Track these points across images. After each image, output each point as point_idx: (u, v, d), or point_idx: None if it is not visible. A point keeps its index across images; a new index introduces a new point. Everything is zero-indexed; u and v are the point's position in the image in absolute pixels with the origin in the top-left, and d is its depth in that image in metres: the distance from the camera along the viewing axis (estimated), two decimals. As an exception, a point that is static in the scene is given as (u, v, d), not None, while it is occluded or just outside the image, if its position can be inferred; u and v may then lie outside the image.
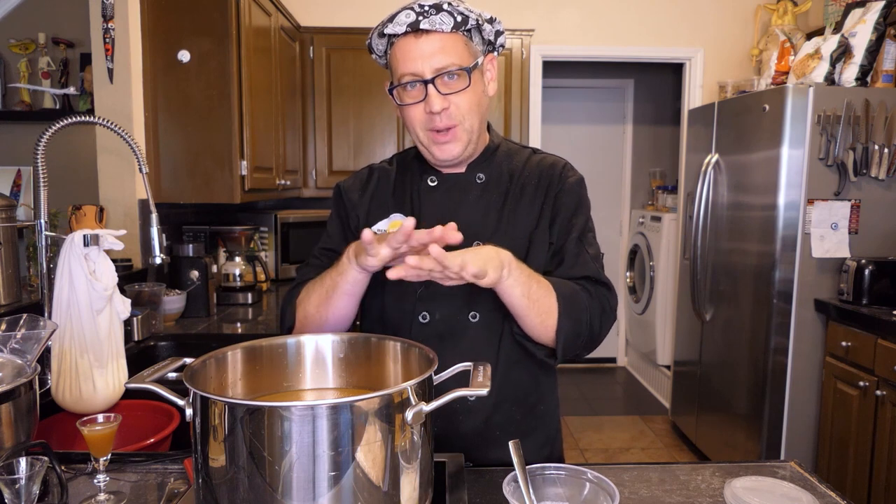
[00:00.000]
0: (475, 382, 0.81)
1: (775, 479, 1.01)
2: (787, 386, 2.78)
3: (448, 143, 1.10)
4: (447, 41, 1.05)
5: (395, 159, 1.28)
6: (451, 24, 1.04)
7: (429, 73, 1.05)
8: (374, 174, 1.25)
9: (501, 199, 1.17)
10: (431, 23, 1.03)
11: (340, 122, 3.39)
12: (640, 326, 4.71)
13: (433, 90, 1.06)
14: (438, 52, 1.05)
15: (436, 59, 1.05)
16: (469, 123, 1.11)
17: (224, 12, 2.29)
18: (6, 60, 2.94)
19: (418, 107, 1.08)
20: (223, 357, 0.89)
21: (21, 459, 0.85)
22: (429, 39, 1.04)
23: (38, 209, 1.56)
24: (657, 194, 4.77)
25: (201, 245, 2.43)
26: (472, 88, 1.08)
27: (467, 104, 1.09)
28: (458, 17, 1.05)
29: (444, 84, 1.06)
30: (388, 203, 1.20)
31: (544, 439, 1.23)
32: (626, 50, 3.88)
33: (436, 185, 1.18)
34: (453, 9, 1.05)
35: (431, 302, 1.13)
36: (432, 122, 1.08)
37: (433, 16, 1.03)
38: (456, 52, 1.06)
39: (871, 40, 2.77)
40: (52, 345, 1.34)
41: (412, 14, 1.03)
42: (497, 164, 1.20)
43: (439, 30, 1.04)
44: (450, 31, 1.05)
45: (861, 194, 2.72)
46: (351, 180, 1.26)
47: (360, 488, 0.72)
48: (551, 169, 1.20)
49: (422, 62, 1.05)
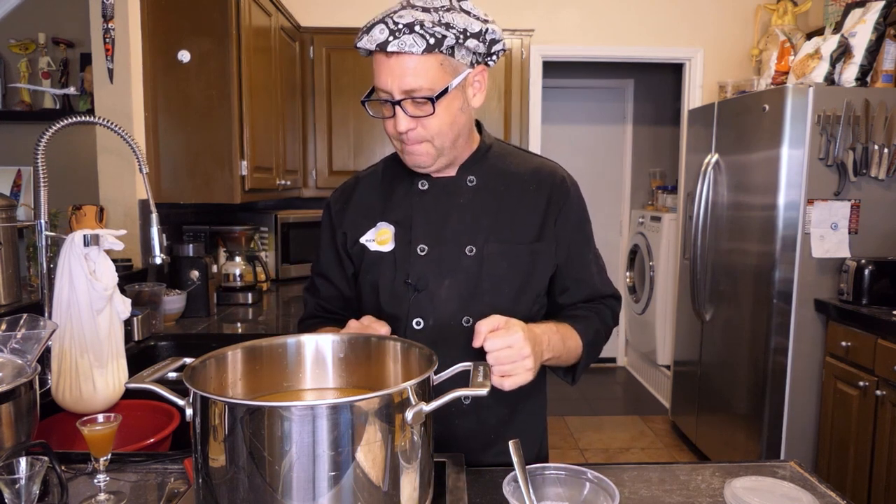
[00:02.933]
0: (475, 382, 0.81)
1: (775, 479, 1.01)
2: (787, 386, 2.78)
3: (420, 156, 1.09)
4: (418, 64, 1.00)
5: (384, 161, 1.26)
6: (423, 46, 0.98)
7: (397, 94, 1.02)
8: (359, 183, 1.24)
9: (496, 201, 1.16)
10: (400, 45, 0.98)
11: (340, 122, 3.39)
12: (640, 326, 4.71)
13: (399, 111, 1.03)
14: (408, 75, 1.00)
15: (404, 81, 1.00)
16: (439, 142, 1.08)
17: (224, 12, 2.29)
18: (6, 60, 2.94)
19: (389, 120, 1.07)
20: (223, 357, 0.89)
21: (21, 459, 0.85)
22: (399, 60, 1.00)
23: (38, 209, 1.56)
24: (657, 194, 4.77)
25: (201, 245, 2.43)
26: (443, 111, 1.05)
27: (437, 126, 1.06)
28: (430, 40, 0.98)
29: (413, 106, 1.03)
30: (374, 209, 1.19)
31: (534, 438, 1.24)
32: (626, 50, 3.88)
33: (426, 189, 1.16)
34: (426, 30, 0.98)
35: (425, 308, 1.13)
36: (399, 137, 1.07)
37: (405, 35, 0.98)
38: (427, 75, 1.01)
39: (871, 40, 2.77)
40: (52, 345, 1.34)
41: (385, 31, 0.99)
42: (489, 166, 1.18)
43: (409, 51, 0.98)
44: (421, 54, 0.99)
45: (861, 194, 2.72)
46: (336, 194, 1.26)
47: (360, 488, 0.72)
48: (551, 177, 1.19)
49: (390, 82, 1.01)
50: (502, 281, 1.13)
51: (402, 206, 1.17)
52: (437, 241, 1.14)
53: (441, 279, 1.12)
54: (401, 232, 1.16)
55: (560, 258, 1.18)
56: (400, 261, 1.14)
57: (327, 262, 1.25)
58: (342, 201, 1.23)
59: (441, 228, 1.14)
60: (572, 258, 1.19)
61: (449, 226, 1.14)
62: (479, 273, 1.12)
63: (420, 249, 1.13)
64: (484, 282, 1.12)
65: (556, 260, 1.18)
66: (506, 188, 1.17)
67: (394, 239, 1.16)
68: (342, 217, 1.22)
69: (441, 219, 1.14)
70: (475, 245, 1.13)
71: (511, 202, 1.16)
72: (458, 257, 1.13)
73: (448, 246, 1.13)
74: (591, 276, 1.22)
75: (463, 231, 1.14)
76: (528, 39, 3.43)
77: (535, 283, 1.16)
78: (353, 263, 1.22)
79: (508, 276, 1.14)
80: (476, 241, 1.13)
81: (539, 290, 1.18)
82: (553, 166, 1.22)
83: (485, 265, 1.13)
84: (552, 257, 1.17)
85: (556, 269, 1.19)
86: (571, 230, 1.19)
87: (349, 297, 1.25)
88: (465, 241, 1.13)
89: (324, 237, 1.26)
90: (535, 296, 1.17)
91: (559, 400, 4.18)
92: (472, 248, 1.13)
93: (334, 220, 1.23)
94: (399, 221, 1.16)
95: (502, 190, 1.17)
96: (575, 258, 1.19)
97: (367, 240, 1.18)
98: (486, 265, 1.13)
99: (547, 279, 1.19)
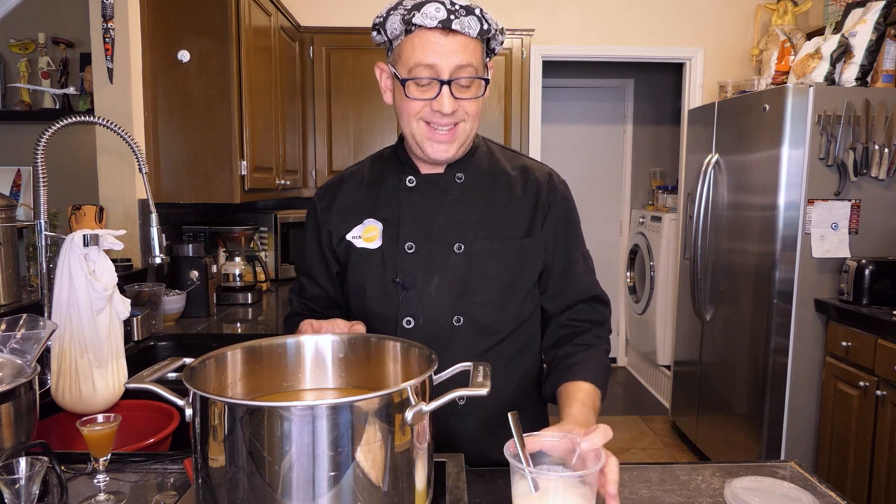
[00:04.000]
0: (475, 382, 0.81)
1: (775, 479, 1.01)
2: (787, 386, 2.78)
3: (444, 143, 1.09)
4: (470, 45, 1.03)
5: (369, 159, 1.26)
6: (477, 29, 1.03)
7: (447, 73, 1.03)
8: (344, 181, 1.24)
9: (484, 199, 1.16)
10: (462, 24, 1.01)
11: (340, 122, 3.39)
12: (640, 326, 4.70)
13: (447, 91, 1.04)
14: (461, 54, 1.03)
15: (457, 60, 1.03)
16: (470, 126, 1.10)
17: (224, 12, 2.29)
18: (6, 60, 2.94)
19: (426, 102, 1.06)
20: (223, 357, 0.89)
21: (21, 459, 0.85)
22: (455, 40, 1.02)
23: (38, 209, 1.56)
24: (657, 194, 4.77)
25: (201, 245, 2.43)
26: (479, 94, 1.08)
27: (475, 109, 1.09)
28: (484, 25, 1.03)
29: (459, 88, 1.05)
30: (361, 206, 1.19)
31: None
32: (626, 50, 3.88)
33: (414, 186, 1.16)
34: (483, 15, 1.03)
35: (414, 306, 1.12)
36: (433, 117, 1.07)
37: (463, 17, 1.01)
38: (476, 57, 1.05)
39: (871, 40, 2.77)
40: (52, 345, 1.34)
41: (443, 9, 1.00)
42: (477, 164, 1.18)
43: (466, 33, 1.02)
44: (475, 37, 1.04)
45: (861, 194, 2.72)
46: (321, 192, 1.25)
47: (359, 488, 0.72)
48: (539, 176, 1.20)
49: (443, 60, 1.02)
50: (491, 278, 1.13)
51: (390, 204, 1.17)
52: (425, 238, 1.13)
53: (429, 277, 1.12)
54: (388, 229, 1.15)
55: (547, 257, 1.18)
56: (387, 259, 1.14)
57: (312, 262, 1.24)
58: (327, 199, 1.23)
59: (429, 226, 1.14)
60: (559, 257, 1.19)
61: (437, 223, 1.14)
62: (467, 270, 1.12)
63: (408, 247, 1.13)
64: (473, 279, 1.12)
65: (545, 257, 1.17)
66: (494, 186, 1.17)
67: (381, 236, 1.15)
68: (327, 215, 1.21)
69: (429, 216, 1.14)
70: (463, 242, 1.13)
71: (499, 200, 1.16)
72: (447, 255, 1.12)
73: (436, 243, 1.13)
74: (577, 276, 1.20)
75: (451, 228, 1.13)
76: (528, 39, 3.43)
77: (524, 280, 1.16)
78: (338, 262, 1.21)
79: (497, 274, 1.13)
80: (464, 238, 1.13)
81: (528, 288, 1.17)
82: (541, 166, 1.23)
83: (473, 262, 1.12)
84: (540, 254, 1.17)
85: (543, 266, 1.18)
86: (559, 228, 1.19)
87: (334, 296, 1.24)
88: (453, 239, 1.13)
89: (308, 236, 1.25)
90: (524, 293, 1.17)
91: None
92: (460, 246, 1.13)
93: (319, 219, 1.22)
94: (387, 219, 1.16)
95: (490, 187, 1.17)
96: (562, 257, 1.19)
97: (353, 236, 1.17)
98: (475, 262, 1.12)
99: (536, 276, 1.18)
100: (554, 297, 1.20)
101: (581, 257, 1.22)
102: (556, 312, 1.21)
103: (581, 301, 1.20)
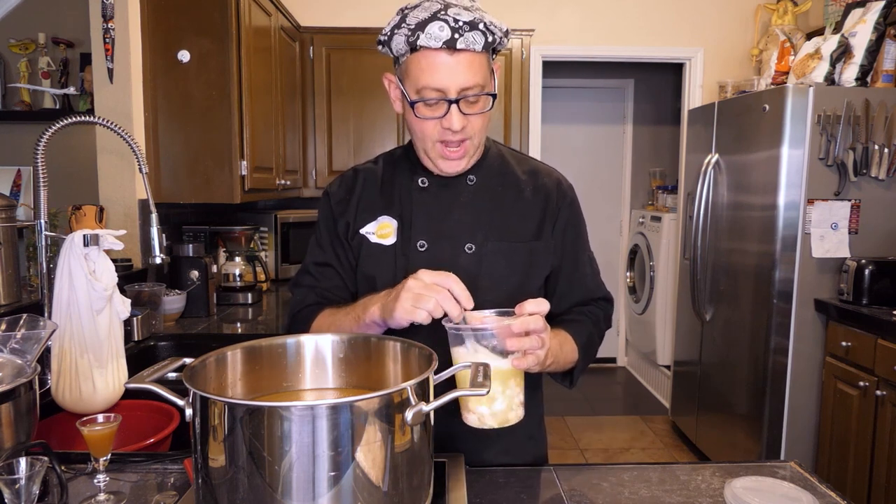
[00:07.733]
0: (475, 382, 0.81)
1: (775, 479, 1.01)
2: (787, 386, 2.78)
3: (455, 160, 1.11)
4: (476, 61, 1.03)
5: (380, 159, 1.26)
6: (482, 43, 1.02)
7: (454, 92, 1.03)
8: (360, 175, 1.23)
9: (494, 201, 1.17)
10: (466, 42, 1.00)
11: (340, 122, 3.39)
12: (640, 326, 4.71)
13: (455, 109, 1.04)
14: (467, 72, 1.02)
15: (465, 78, 1.02)
16: (478, 139, 1.12)
17: (224, 12, 2.29)
18: (6, 60, 2.94)
19: (435, 121, 1.07)
20: (223, 357, 0.89)
21: (21, 459, 0.85)
22: (461, 58, 1.02)
23: (38, 209, 1.56)
24: (657, 194, 4.77)
25: (201, 245, 2.43)
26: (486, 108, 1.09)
27: (481, 123, 1.10)
28: (488, 38, 1.02)
29: (467, 104, 1.05)
30: (376, 204, 1.19)
31: (533, 438, 1.25)
32: (626, 50, 3.88)
33: (426, 187, 1.17)
34: (487, 27, 1.02)
35: None
36: (445, 136, 1.08)
37: (467, 33, 1.00)
38: (482, 72, 1.04)
39: (871, 40, 2.77)
40: (52, 345, 1.34)
41: (447, 28, 0.99)
42: (488, 167, 1.20)
43: (472, 49, 1.01)
44: (479, 51, 1.03)
45: (861, 194, 2.72)
46: (336, 184, 1.25)
47: (359, 488, 0.72)
48: (548, 179, 1.22)
49: (449, 80, 1.02)
50: (500, 279, 1.14)
51: (403, 203, 1.18)
52: (437, 237, 1.14)
53: None
54: (401, 227, 1.16)
55: (556, 260, 1.20)
56: (399, 255, 1.15)
57: (329, 251, 1.23)
58: (343, 191, 1.23)
59: (441, 225, 1.15)
60: (568, 260, 1.21)
61: (449, 223, 1.15)
62: (477, 271, 1.13)
63: (420, 245, 1.14)
64: (482, 280, 1.13)
65: (553, 260, 1.19)
66: (504, 188, 1.19)
67: (396, 233, 1.16)
68: (344, 207, 1.21)
69: (441, 216, 1.15)
70: (474, 243, 1.14)
71: (510, 202, 1.18)
72: (458, 255, 1.14)
73: (447, 243, 1.14)
74: (584, 278, 1.23)
75: (462, 229, 1.15)
76: (528, 39, 3.43)
77: (532, 282, 1.18)
78: (352, 254, 1.21)
79: (507, 275, 1.15)
80: (475, 239, 1.14)
81: (537, 289, 1.19)
82: (550, 170, 1.25)
83: (483, 263, 1.14)
84: (550, 257, 1.19)
85: (551, 269, 1.20)
86: (568, 233, 1.21)
87: (350, 286, 1.23)
88: (464, 239, 1.14)
89: (323, 227, 1.24)
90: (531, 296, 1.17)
91: (559, 400, 4.17)
92: (471, 246, 1.14)
93: (335, 210, 1.22)
94: (400, 216, 1.17)
95: (501, 190, 1.18)
96: (571, 260, 1.21)
97: (367, 231, 1.18)
98: (485, 263, 1.14)
99: (543, 279, 1.20)
100: (561, 300, 1.22)
101: (588, 260, 1.25)
102: (562, 313, 1.22)
103: (589, 301, 1.24)
